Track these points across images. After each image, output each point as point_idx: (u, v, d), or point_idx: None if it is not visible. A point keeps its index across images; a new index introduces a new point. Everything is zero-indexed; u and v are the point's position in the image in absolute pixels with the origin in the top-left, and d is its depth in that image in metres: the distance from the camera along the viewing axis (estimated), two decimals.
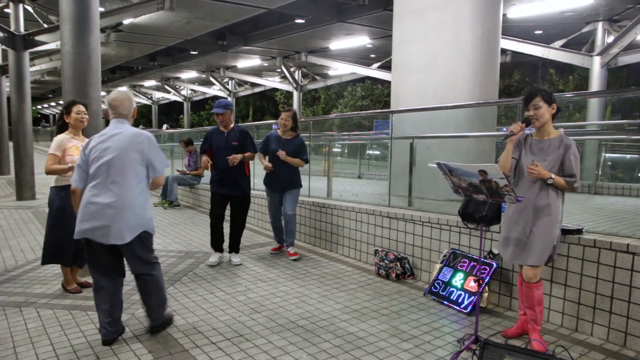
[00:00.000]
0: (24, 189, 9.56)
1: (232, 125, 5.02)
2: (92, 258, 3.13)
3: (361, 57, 19.89)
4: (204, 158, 5.00)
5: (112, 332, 3.14)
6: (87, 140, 4.10)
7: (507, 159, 3.02)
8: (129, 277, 3.27)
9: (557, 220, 2.96)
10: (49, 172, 3.96)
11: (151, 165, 3.16)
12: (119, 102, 3.25)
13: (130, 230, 3.02)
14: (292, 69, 21.88)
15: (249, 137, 5.03)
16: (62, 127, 4.08)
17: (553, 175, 2.87)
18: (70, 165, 3.85)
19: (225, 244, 5.16)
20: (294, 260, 5.15)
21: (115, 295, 3.18)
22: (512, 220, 3.08)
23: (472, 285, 3.81)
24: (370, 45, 17.50)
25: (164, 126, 34.81)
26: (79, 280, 4.29)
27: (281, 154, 5.04)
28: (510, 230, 3.09)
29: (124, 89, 3.40)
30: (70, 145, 3.99)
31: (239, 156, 4.85)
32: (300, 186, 5.31)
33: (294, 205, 5.25)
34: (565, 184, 2.88)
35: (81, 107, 4.07)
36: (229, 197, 5.02)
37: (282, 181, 5.17)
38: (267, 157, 5.26)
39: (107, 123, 3.45)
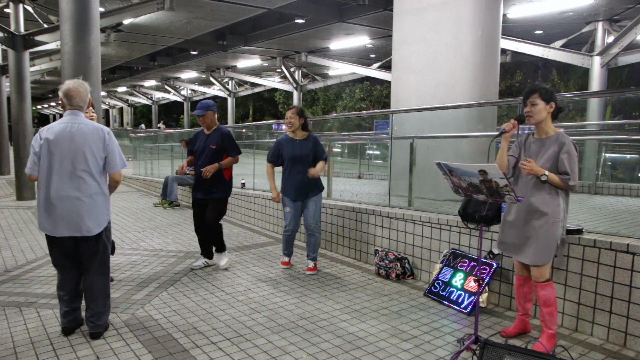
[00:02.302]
0: (24, 189, 9.56)
1: (215, 127, 4.77)
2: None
3: (361, 57, 19.89)
4: (183, 162, 4.91)
5: (69, 321, 3.26)
6: None
7: (502, 157, 3.06)
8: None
9: (557, 219, 2.94)
10: None
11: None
12: (75, 92, 3.12)
13: None
14: (292, 69, 21.89)
15: (230, 140, 4.72)
16: None
17: (547, 172, 2.87)
18: None
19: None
20: (310, 274, 4.71)
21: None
22: (510, 218, 3.10)
23: (472, 285, 3.81)
24: (370, 45, 17.50)
25: (160, 125, 34.63)
26: None
27: (312, 173, 4.57)
28: (508, 227, 3.12)
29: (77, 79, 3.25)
30: None
31: (212, 168, 4.55)
32: (323, 188, 4.85)
33: (319, 214, 4.78)
34: (559, 181, 2.88)
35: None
36: (206, 201, 4.74)
37: (304, 187, 4.66)
38: (282, 166, 4.78)
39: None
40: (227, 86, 28.30)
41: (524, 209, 3.00)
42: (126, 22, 12.76)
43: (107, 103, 44.37)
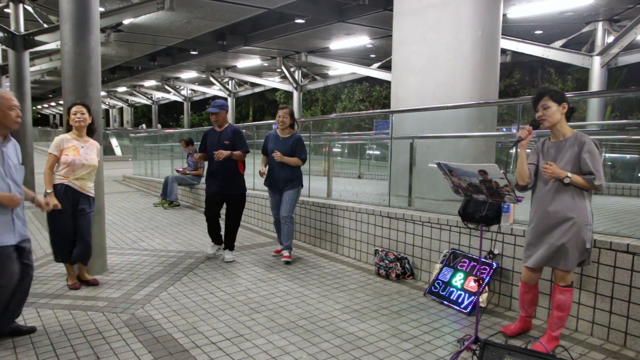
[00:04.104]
0: None
1: (226, 125, 5.12)
2: None
3: (361, 57, 19.87)
4: (197, 155, 5.28)
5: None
6: (90, 140, 4.17)
7: (523, 166, 2.96)
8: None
9: (586, 223, 2.86)
10: (45, 174, 4.03)
11: None
12: None
13: None
14: (292, 69, 21.87)
15: (240, 136, 5.08)
16: (68, 128, 4.18)
17: (569, 174, 2.79)
18: (49, 191, 3.94)
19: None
20: (286, 262, 5.03)
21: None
22: (536, 224, 3.00)
23: (472, 285, 3.81)
24: (370, 45, 17.48)
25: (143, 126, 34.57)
26: (87, 278, 4.36)
27: (276, 155, 4.97)
28: (535, 235, 3.01)
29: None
30: (69, 146, 4.05)
31: (225, 152, 4.88)
32: (301, 186, 5.19)
33: (291, 207, 5.10)
34: (584, 182, 2.80)
35: (78, 108, 4.10)
36: (223, 196, 5.07)
37: (280, 181, 5.09)
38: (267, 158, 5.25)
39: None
40: (227, 86, 28.28)
41: (550, 216, 2.91)
42: (126, 22, 12.74)
43: (107, 103, 44.37)
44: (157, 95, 37.56)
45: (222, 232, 5.26)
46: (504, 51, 15.28)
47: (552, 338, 2.99)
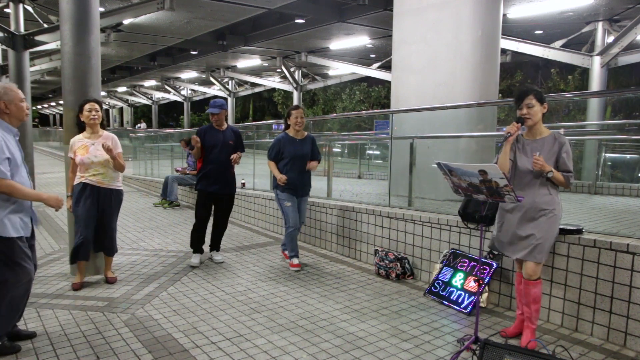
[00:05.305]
0: None
1: (226, 125, 5.16)
2: None
3: (361, 57, 19.87)
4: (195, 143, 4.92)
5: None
6: (104, 134, 4.16)
7: (506, 160, 3.06)
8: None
9: (559, 217, 3.01)
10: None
11: None
12: None
13: None
14: (292, 69, 21.87)
15: (241, 138, 5.20)
16: (80, 127, 4.21)
17: (552, 169, 2.92)
18: (68, 195, 4.19)
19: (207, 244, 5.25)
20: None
21: None
22: (510, 217, 3.10)
23: (472, 285, 3.81)
24: (370, 45, 17.49)
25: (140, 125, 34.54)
26: (109, 275, 4.41)
27: (313, 167, 4.89)
28: (507, 227, 3.11)
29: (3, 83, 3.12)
30: (79, 146, 4.11)
31: (240, 155, 4.99)
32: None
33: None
34: (562, 178, 2.94)
35: (92, 105, 4.14)
36: (217, 195, 5.04)
37: (304, 184, 4.92)
38: (280, 163, 4.84)
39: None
40: (227, 86, 28.29)
41: (525, 208, 3.01)
42: (126, 22, 12.74)
43: (107, 103, 44.36)
44: (157, 95, 37.57)
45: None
46: (504, 51, 15.28)
47: (533, 330, 3.09)
